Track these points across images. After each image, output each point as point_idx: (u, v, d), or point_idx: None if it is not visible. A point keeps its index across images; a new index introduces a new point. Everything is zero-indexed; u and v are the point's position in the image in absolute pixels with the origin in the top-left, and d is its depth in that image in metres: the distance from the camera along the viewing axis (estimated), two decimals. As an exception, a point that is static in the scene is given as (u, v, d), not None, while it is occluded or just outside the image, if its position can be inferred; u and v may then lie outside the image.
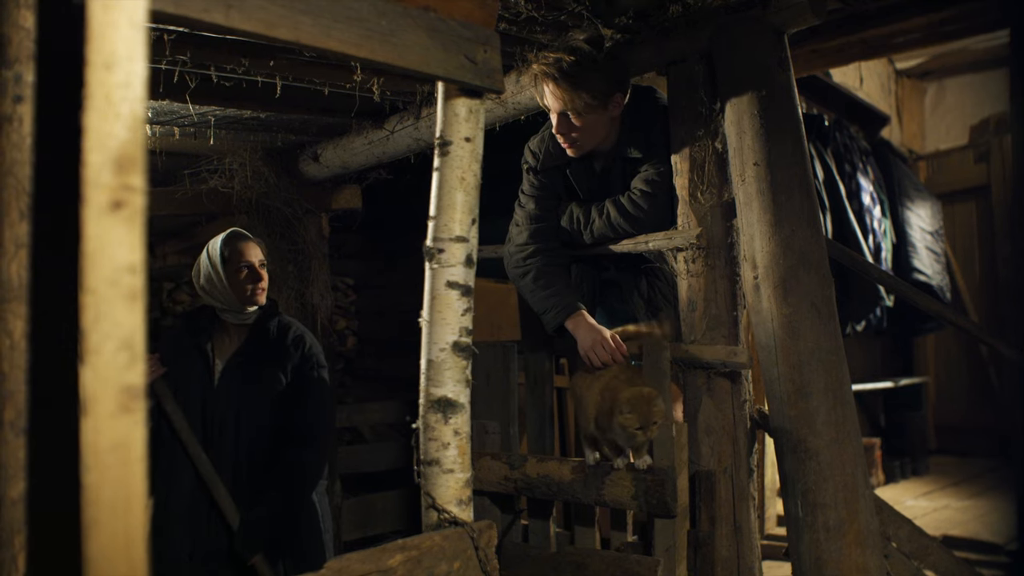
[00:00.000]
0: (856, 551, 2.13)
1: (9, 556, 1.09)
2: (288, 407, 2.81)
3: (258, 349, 2.84)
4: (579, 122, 2.56)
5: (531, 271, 2.75)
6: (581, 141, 2.63)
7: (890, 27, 3.12)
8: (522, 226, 2.81)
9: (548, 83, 2.53)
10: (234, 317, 2.86)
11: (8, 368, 1.10)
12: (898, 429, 6.09)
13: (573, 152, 2.67)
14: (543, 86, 2.57)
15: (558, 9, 2.51)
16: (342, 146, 3.85)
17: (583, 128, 2.59)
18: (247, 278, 2.80)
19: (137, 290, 1.01)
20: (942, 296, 5.63)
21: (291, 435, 2.78)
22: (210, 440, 2.77)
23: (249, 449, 2.76)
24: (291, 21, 1.53)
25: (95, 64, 0.99)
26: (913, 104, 6.98)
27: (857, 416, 2.28)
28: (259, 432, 2.78)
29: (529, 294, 2.77)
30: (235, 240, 2.86)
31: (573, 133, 2.60)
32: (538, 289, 2.73)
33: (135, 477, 1.00)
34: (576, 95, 2.50)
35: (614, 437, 2.33)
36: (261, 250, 2.89)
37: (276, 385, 2.80)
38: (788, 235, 2.28)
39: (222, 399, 2.79)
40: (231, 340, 2.88)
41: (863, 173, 5.20)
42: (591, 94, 2.51)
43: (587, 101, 2.51)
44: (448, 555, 1.79)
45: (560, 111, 2.57)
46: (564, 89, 2.50)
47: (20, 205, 1.10)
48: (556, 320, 2.66)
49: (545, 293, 2.71)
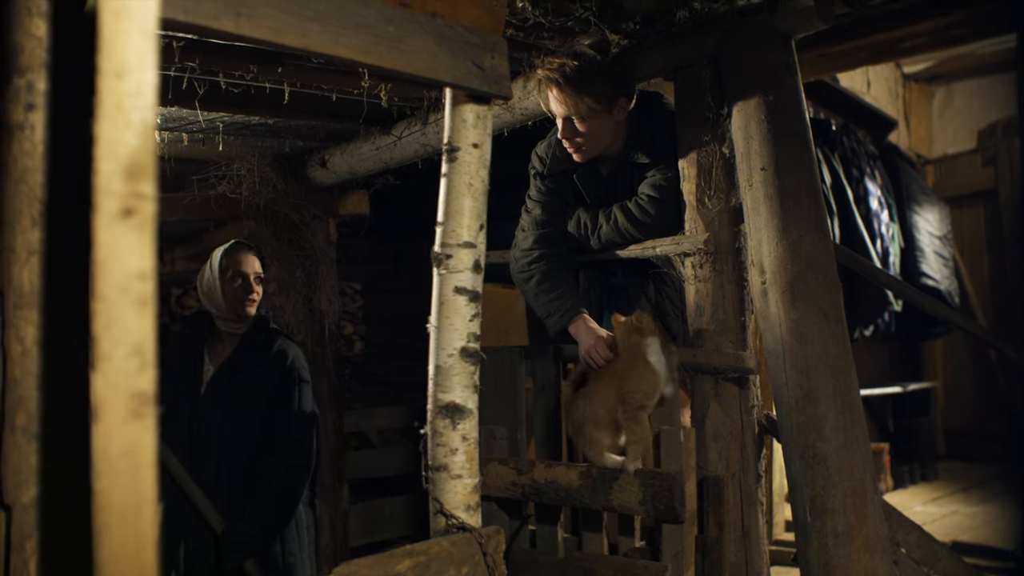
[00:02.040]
0: (865, 557, 2.12)
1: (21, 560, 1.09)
2: (270, 419, 2.87)
3: (244, 359, 2.92)
4: (583, 127, 2.57)
5: (535, 275, 2.76)
6: (586, 146, 2.63)
7: (897, 31, 3.12)
8: (528, 231, 2.82)
9: (552, 88, 2.54)
10: (227, 325, 2.95)
11: (20, 374, 1.11)
12: (906, 434, 6.06)
13: (579, 157, 2.68)
14: (547, 91, 2.57)
15: (565, 15, 2.51)
16: (350, 152, 3.85)
17: (588, 133, 2.59)
18: (240, 289, 2.89)
19: (147, 297, 1.01)
20: (950, 301, 5.61)
21: (272, 446, 2.84)
22: (195, 444, 2.83)
23: (232, 456, 2.83)
24: (299, 28, 1.54)
25: (106, 72, 1.00)
26: (921, 108, 6.97)
27: (865, 421, 2.27)
28: (242, 440, 2.84)
29: (533, 298, 2.78)
30: (235, 251, 2.95)
31: (578, 138, 2.61)
32: (542, 293, 2.74)
33: (145, 482, 1.00)
34: (580, 100, 2.50)
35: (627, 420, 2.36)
36: (260, 263, 2.97)
37: (258, 395, 2.87)
38: (796, 240, 2.27)
39: (207, 405, 2.87)
40: (223, 348, 2.97)
41: (871, 177, 5.19)
42: (595, 99, 2.51)
43: (591, 106, 2.51)
44: (456, 560, 1.79)
45: (565, 116, 2.57)
46: (568, 94, 2.51)
47: (32, 212, 1.11)
48: (559, 324, 2.67)
49: (549, 297, 2.72)
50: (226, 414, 2.84)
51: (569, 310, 2.67)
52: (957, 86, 6.98)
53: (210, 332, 2.99)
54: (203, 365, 2.93)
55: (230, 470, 2.81)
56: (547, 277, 2.75)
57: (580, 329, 2.62)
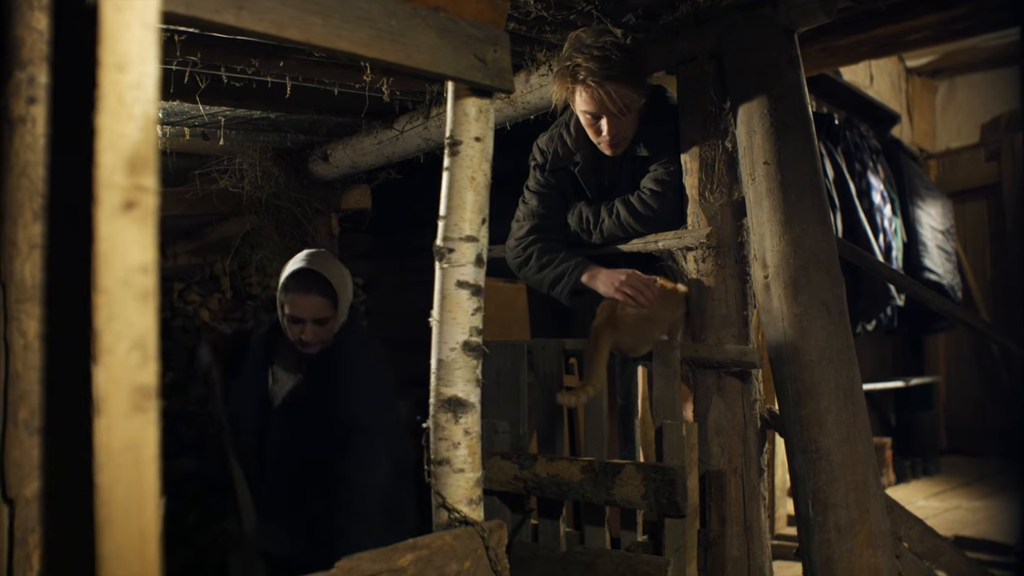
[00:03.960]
0: (867, 551, 2.12)
1: (23, 554, 1.09)
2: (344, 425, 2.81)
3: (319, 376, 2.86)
4: (624, 121, 2.57)
5: (532, 254, 2.75)
6: (623, 140, 2.64)
7: (900, 25, 3.11)
8: (523, 222, 2.81)
9: (597, 88, 2.47)
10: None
11: (22, 368, 1.11)
12: (909, 429, 6.06)
13: (614, 152, 2.67)
14: (581, 90, 2.51)
15: (567, 8, 2.51)
16: (352, 146, 3.85)
17: (626, 125, 2.59)
18: (296, 331, 2.80)
19: (150, 290, 1.01)
20: (953, 295, 5.60)
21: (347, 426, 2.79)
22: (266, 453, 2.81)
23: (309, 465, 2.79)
24: (302, 22, 1.54)
25: (108, 65, 1.00)
26: (924, 102, 6.95)
27: (868, 416, 2.27)
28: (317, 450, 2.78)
29: (535, 275, 2.75)
30: (294, 286, 2.79)
31: (622, 133, 2.60)
32: (543, 267, 2.72)
33: (148, 476, 1.00)
34: (621, 96, 2.48)
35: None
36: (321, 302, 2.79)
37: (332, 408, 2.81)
38: (798, 234, 2.27)
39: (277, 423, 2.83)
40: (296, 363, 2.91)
41: (873, 172, 5.17)
42: (637, 92, 2.52)
43: (633, 99, 2.52)
44: (458, 555, 1.79)
45: (606, 113, 2.54)
46: (609, 92, 2.46)
47: (34, 206, 1.10)
48: (572, 279, 2.64)
49: (552, 267, 2.71)
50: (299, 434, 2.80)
51: (579, 264, 2.65)
52: (960, 80, 6.95)
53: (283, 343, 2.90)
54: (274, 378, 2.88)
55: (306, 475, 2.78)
56: (544, 252, 2.74)
57: (597, 276, 2.59)
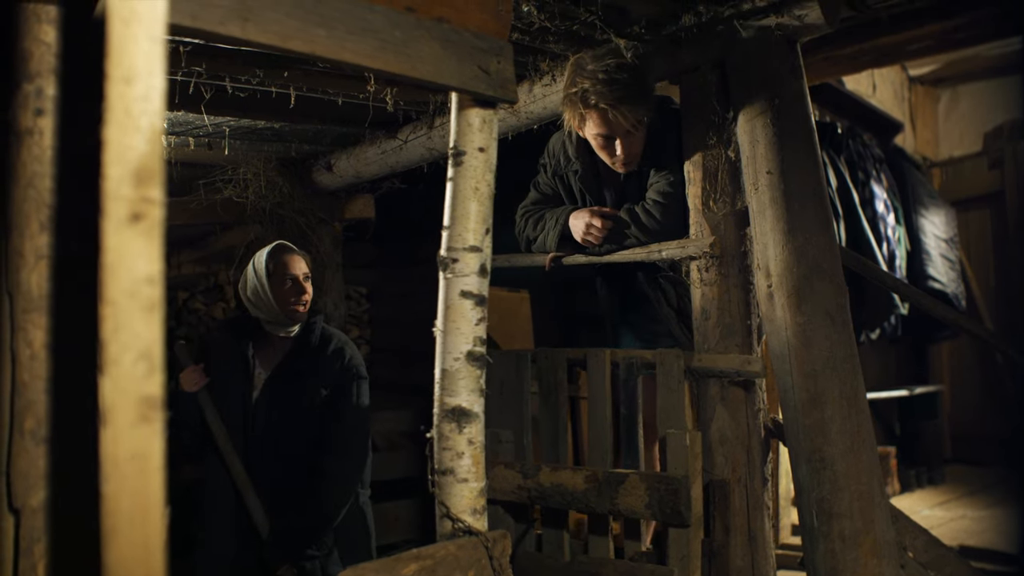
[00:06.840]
0: (872, 561, 2.12)
1: (29, 564, 1.10)
2: (326, 417, 2.84)
3: (300, 361, 2.87)
4: (635, 138, 2.58)
5: (528, 221, 2.91)
6: (634, 157, 2.65)
7: (903, 34, 3.12)
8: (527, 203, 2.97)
9: (609, 111, 2.47)
10: (277, 329, 2.89)
11: (28, 378, 1.11)
12: (913, 438, 6.04)
13: (627, 169, 2.69)
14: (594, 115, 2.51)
15: (571, 19, 2.51)
16: (355, 156, 3.86)
17: (637, 142, 2.61)
18: (291, 290, 2.83)
19: (155, 301, 1.02)
20: (957, 304, 5.59)
21: (327, 445, 2.81)
22: (251, 450, 2.80)
23: (289, 460, 2.80)
24: (306, 33, 1.55)
25: (115, 78, 1.00)
26: (927, 111, 6.95)
27: (872, 425, 2.26)
28: (299, 443, 2.81)
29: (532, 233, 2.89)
30: (280, 253, 2.88)
31: (634, 150, 2.62)
32: (534, 224, 2.88)
33: (153, 486, 1.01)
34: (633, 114, 2.49)
35: None
36: (306, 262, 2.91)
37: (317, 398, 2.84)
38: (802, 243, 2.27)
39: (262, 411, 2.82)
40: (274, 351, 2.91)
41: (877, 180, 5.17)
42: (646, 107, 2.52)
43: (642, 115, 2.53)
44: (462, 564, 1.79)
45: (622, 133, 2.55)
46: (619, 113, 2.47)
47: (40, 217, 1.11)
48: (558, 227, 2.77)
49: (541, 223, 2.85)
50: (283, 419, 2.80)
51: (562, 212, 2.78)
52: (963, 89, 6.96)
53: (258, 335, 2.91)
54: (254, 369, 2.87)
55: (286, 474, 2.78)
56: (533, 212, 2.92)
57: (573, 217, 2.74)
